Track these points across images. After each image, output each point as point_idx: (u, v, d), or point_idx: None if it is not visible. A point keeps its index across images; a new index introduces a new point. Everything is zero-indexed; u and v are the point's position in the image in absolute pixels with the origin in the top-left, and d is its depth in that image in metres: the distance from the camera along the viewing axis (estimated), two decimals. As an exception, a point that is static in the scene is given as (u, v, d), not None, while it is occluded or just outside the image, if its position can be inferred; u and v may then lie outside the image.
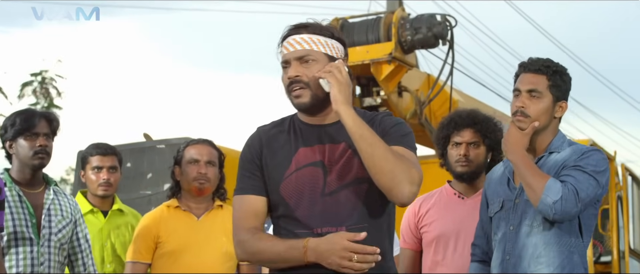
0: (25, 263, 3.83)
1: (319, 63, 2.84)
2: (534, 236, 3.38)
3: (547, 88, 3.43)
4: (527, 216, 3.40)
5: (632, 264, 8.39)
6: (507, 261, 3.44)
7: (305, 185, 2.81)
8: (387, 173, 2.70)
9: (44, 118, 4.00)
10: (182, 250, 4.34)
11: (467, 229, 3.98)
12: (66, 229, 3.99)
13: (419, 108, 8.50)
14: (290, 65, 2.84)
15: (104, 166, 4.78)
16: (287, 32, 2.88)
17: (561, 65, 3.50)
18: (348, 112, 2.75)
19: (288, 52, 2.85)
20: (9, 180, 3.92)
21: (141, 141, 7.63)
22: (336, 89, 2.77)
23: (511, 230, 3.45)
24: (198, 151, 4.42)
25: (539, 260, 3.36)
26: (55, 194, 4.03)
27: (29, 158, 3.93)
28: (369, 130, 2.74)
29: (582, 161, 3.34)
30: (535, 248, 3.37)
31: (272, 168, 2.86)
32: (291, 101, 2.87)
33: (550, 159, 3.43)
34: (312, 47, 2.84)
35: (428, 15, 8.21)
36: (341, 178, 2.81)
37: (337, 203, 2.79)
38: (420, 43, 8.14)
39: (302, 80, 2.82)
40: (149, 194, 7.13)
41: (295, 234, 2.79)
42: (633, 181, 8.88)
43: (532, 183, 3.30)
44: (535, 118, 3.41)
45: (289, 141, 2.88)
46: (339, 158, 2.82)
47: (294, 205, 2.81)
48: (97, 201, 4.81)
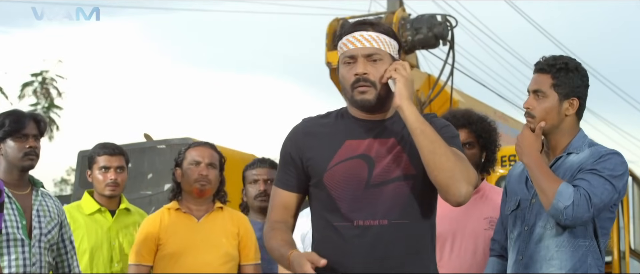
0: (18, 264, 3.82)
1: (384, 63, 2.84)
2: (547, 238, 3.35)
3: (550, 87, 3.39)
4: (541, 217, 3.37)
5: (632, 265, 8.38)
6: (520, 261, 3.42)
7: (349, 176, 2.82)
8: (447, 170, 2.72)
9: (32, 120, 3.99)
10: (183, 252, 4.35)
11: (464, 229, 3.97)
12: (54, 230, 3.99)
13: (420, 109, 8.50)
14: (356, 61, 2.84)
15: (111, 167, 4.78)
16: (351, 28, 2.88)
17: (572, 62, 3.43)
18: (411, 108, 2.78)
19: (355, 47, 2.84)
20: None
21: (142, 141, 7.63)
22: (402, 84, 2.79)
23: (526, 230, 3.42)
24: (200, 154, 4.44)
25: (551, 263, 3.33)
26: (42, 196, 4.02)
27: (18, 160, 3.92)
28: (431, 128, 2.76)
29: (599, 165, 3.28)
30: (548, 250, 3.34)
31: (315, 158, 2.87)
32: (352, 97, 2.86)
33: (568, 160, 3.38)
34: (380, 46, 2.85)
35: (428, 16, 8.21)
36: (387, 173, 2.81)
37: (381, 196, 2.80)
38: (421, 43, 8.14)
39: (369, 78, 2.82)
40: (150, 194, 7.14)
41: (334, 227, 2.80)
42: (633, 181, 8.87)
43: (544, 186, 3.27)
44: (541, 118, 3.38)
45: (336, 132, 2.89)
46: (387, 153, 2.83)
47: (337, 195, 2.82)
48: (104, 201, 4.81)
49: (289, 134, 2.96)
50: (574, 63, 3.43)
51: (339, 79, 2.92)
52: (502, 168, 7.32)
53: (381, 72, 2.83)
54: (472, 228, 3.97)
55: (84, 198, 4.85)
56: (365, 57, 2.83)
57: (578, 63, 3.45)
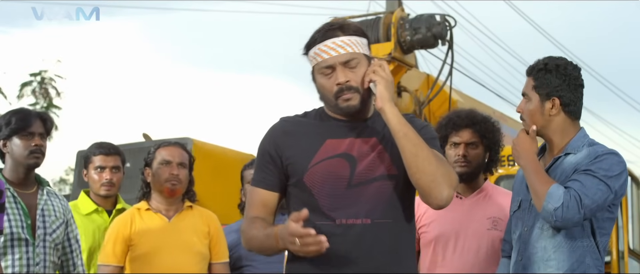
0: (21, 263, 3.82)
1: (362, 65, 2.82)
2: (543, 239, 3.35)
3: (532, 89, 3.41)
4: (539, 218, 3.36)
5: (631, 265, 8.38)
6: (519, 262, 3.43)
7: (331, 175, 2.80)
8: (429, 174, 2.72)
9: (39, 118, 3.99)
10: (155, 252, 4.34)
11: (466, 230, 3.98)
12: (59, 229, 3.99)
13: (418, 109, 8.51)
14: (334, 71, 2.81)
15: (107, 166, 4.78)
16: (321, 36, 2.84)
17: (552, 62, 3.42)
18: (393, 110, 2.77)
19: (331, 56, 2.81)
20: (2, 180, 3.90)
21: (140, 141, 7.64)
22: (383, 86, 2.78)
23: (526, 231, 3.42)
24: (170, 153, 4.44)
25: (549, 263, 3.33)
26: (48, 195, 4.03)
27: (24, 158, 3.92)
28: (413, 130, 2.76)
29: (594, 165, 3.27)
30: (545, 251, 3.34)
31: (295, 157, 2.85)
32: (336, 105, 2.83)
33: (565, 161, 3.38)
34: (354, 50, 2.82)
35: (427, 16, 8.21)
36: (369, 172, 2.80)
37: (363, 195, 2.79)
38: (420, 43, 8.14)
39: (352, 85, 2.80)
40: (149, 194, 7.12)
41: (316, 226, 2.76)
42: (632, 181, 8.87)
43: (537, 188, 3.27)
44: (529, 121, 3.42)
45: (316, 131, 2.87)
46: (369, 152, 2.82)
47: (318, 195, 2.80)
48: (100, 201, 4.80)
49: (267, 133, 2.93)
50: (554, 63, 3.42)
51: (316, 86, 2.89)
52: (501, 168, 7.32)
53: (361, 76, 2.82)
54: (475, 227, 3.97)
55: (80, 197, 4.85)
56: (343, 65, 2.81)
57: (561, 63, 3.42)
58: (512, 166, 7.20)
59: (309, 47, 2.87)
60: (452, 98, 8.67)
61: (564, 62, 3.44)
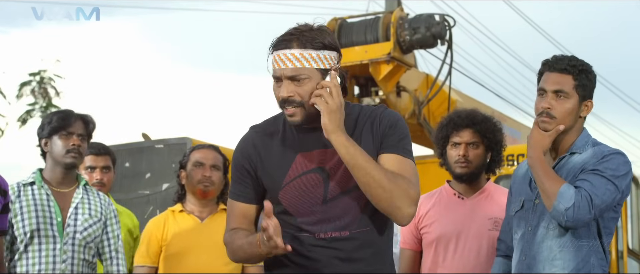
0: (47, 261, 3.88)
1: (311, 80, 2.74)
2: (549, 239, 3.34)
3: (573, 88, 3.35)
4: (545, 218, 3.36)
5: (630, 265, 8.38)
6: (523, 261, 3.42)
7: (305, 192, 2.78)
8: (384, 199, 2.69)
9: (80, 119, 4.07)
10: (186, 252, 4.39)
11: (468, 230, 3.97)
12: (93, 228, 4.02)
13: (418, 108, 8.50)
14: (281, 82, 2.76)
15: (97, 166, 4.78)
16: (277, 44, 2.77)
17: (586, 63, 3.41)
18: (339, 140, 2.69)
19: (279, 68, 2.75)
20: (38, 179, 3.98)
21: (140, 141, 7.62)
22: (326, 118, 2.69)
23: (529, 231, 3.41)
24: (203, 155, 4.49)
25: (554, 263, 3.32)
26: (85, 192, 4.07)
27: (61, 157, 3.99)
28: (363, 156, 2.68)
29: (601, 165, 3.25)
30: (550, 251, 3.33)
31: (269, 174, 2.82)
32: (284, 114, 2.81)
33: (571, 160, 3.37)
34: (303, 65, 2.73)
35: (426, 15, 8.21)
36: (343, 184, 2.78)
37: (340, 209, 2.77)
38: (419, 43, 8.14)
39: (295, 100, 2.74)
40: (148, 194, 7.13)
41: (297, 237, 2.78)
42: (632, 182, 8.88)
43: (547, 188, 3.25)
44: (561, 119, 3.34)
45: (286, 146, 2.83)
46: (340, 163, 2.77)
47: (295, 212, 2.79)
48: None
49: (239, 145, 2.91)
50: (588, 66, 3.41)
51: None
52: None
53: (309, 91, 2.73)
54: (477, 228, 3.96)
55: (73, 198, 4.84)
56: (288, 78, 2.74)
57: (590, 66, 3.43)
58: (511, 166, 7.20)
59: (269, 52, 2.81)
60: (452, 98, 8.67)
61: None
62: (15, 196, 3.90)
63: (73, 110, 4.13)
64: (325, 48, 2.76)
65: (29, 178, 3.98)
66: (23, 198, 3.91)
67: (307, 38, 2.75)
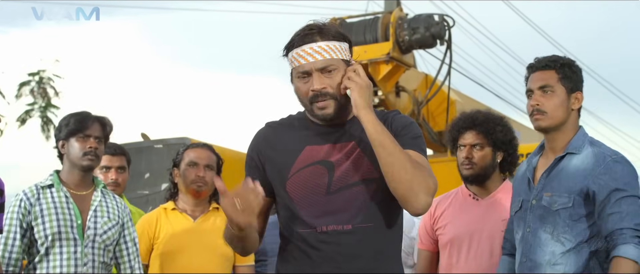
0: (69, 263, 3.87)
1: (339, 71, 2.78)
2: (552, 244, 3.34)
3: (558, 81, 3.38)
4: (547, 221, 3.35)
5: (629, 265, 8.38)
6: (524, 263, 3.42)
7: (310, 183, 2.78)
8: (404, 182, 2.67)
9: (97, 122, 4.04)
10: (178, 251, 4.36)
11: (481, 231, 3.95)
12: (112, 231, 4.02)
13: (417, 108, 8.51)
14: (311, 76, 2.78)
15: (113, 166, 4.79)
16: (300, 40, 2.80)
17: (568, 58, 3.45)
18: (369, 117, 2.72)
19: (307, 62, 2.77)
20: (57, 182, 3.97)
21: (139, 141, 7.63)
22: (357, 93, 2.73)
23: (528, 232, 3.41)
24: (197, 155, 4.46)
25: (556, 267, 3.32)
26: (103, 195, 4.07)
27: (78, 159, 3.97)
28: (390, 138, 2.71)
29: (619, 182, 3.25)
30: (553, 255, 3.33)
31: (277, 166, 2.84)
32: (312, 110, 2.81)
33: (570, 164, 3.36)
34: (332, 55, 2.78)
35: (426, 16, 8.21)
36: (348, 177, 2.78)
37: (342, 201, 2.77)
38: (418, 43, 8.14)
39: (328, 92, 2.77)
40: (147, 194, 7.14)
41: (298, 234, 2.78)
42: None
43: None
44: (552, 113, 3.37)
45: (296, 138, 2.85)
46: (347, 157, 2.79)
47: (299, 203, 2.79)
48: None
49: (253, 140, 2.93)
50: (570, 60, 3.45)
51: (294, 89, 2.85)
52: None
53: (338, 81, 2.78)
54: (490, 229, 3.94)
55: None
56: (319, 71, 2.77)
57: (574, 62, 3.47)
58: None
59: (288, 49, 2.83)
60: (451, 98, 8.67)
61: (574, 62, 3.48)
62: (35, 199, 3.89)
63: (90, 112, 4.10)
64: (343, 40, 2.85)
65: (47, 181, 3.98)
66: (43, 201, 3.91)
67: (328, 30, 2.82)
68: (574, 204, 3.30)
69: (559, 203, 3.33)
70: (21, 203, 3.88)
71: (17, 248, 3.84)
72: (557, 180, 3.36)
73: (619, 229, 3.21)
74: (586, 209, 3.30)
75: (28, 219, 3.87)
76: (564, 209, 3.31)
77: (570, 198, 3.31)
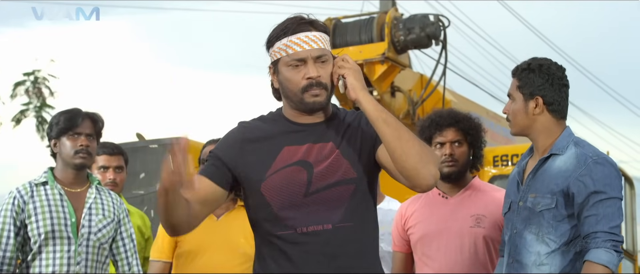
0: (62, 262, 3.86)
1: (330, 63, 2.80)
2: (538, 244, 3.36)
3: (516, 89, 3.45)
4: (532, 222, 3.37)
5: (624, 265, 8.40)
6: (510, 264, 3.44)
7: (288, 184, 2.76)
8: (415, 154, 2.66)
9: (88, 118, 4.03)
10: (200, 250, 4.32)
11: (451, 228, 3.98)
12: (107, 228, 4.01)
13: (412, 109, 8.51)
14: (304, 64, 2.77)
15: (111, 166, 4.78)
16: (294, 28, 2.79)
17: (535, 62, 3.45)
18: (367, 98, 2.73)
19: (304, 49, 2.76)
20: (51, 179, 3.96)
21: (134, 141, 7.62)
22: (353, 77, 2.75)
23: (515, 233, 3.43)
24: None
25: (541, 268, 3.34)
26: (98, 193, 4.05)
27: (70, 158, 3.96)
28: (390, 114, 2.72)
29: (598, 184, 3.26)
30: (538, 256, 3.35)
31: (252, 166, 2.80)
32: (302, 100, 2.78)
33: (554, 165, 3.38)
34: (325, 46, 2.79)
35: (421, 16, 8.22)
36: (327, 178, 2.76)
37: (322, 202, 2.75)
38: (413, 43, 8.15)
39: (322, 81, 2.77)
40: (142, 194, 7.13)
41: (277, 236, 2.76)
42: (625, 181, 8.89)
43: None
44: (513, 120, 3.46)
45: (273, 139, 2.82)
46: (326, 157, 2.78)
47: (276, 204, 2.76)
48: None
49: (224, 138, 2.88)
50: (537, 63, 3.45)
51: (279, 80, 2.82)
52: (494, 168, 7.33)
53: (330, 73, 2.79)
54: (459, 226, 3.98)
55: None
56: (314, 59, 2.77)
57: (544, 63, 3.45)
58: (506, 167, 7.21)
59: (277, 38, 2.81)
60: (446, 98, 8.67)
61: (547, 62, 3.47)
62: (29, 197, 3.88)
63: (81, 108, 4.08)
64: (327, 34, 2.86)
65: (41, 178, 3.96)
66: (36, 198, 3.89)
67: (317, 22, 2.84)
68: (557, 205, 3.32)
69: (543, 204, 3.35)
70: (15, 201, 3.87)
71: (11, 247, 3.83)
72: (541, 181, 3.38)
73: (593, 233, 3.24)
74: (568, 210, 3.31)
75: (22, 217, 3.85)
76: (548, 210, 3.33)
77: (553, 199, 3.33)
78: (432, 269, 3.99)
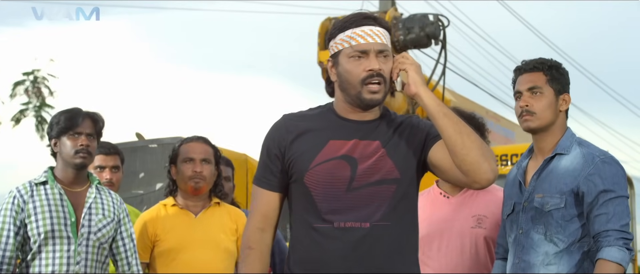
0: (61, 262, 3.85)
1: (390, 60, 2.82)
2: (545, 245, 3.35)
3: (546, 83, 3.42)
4: (539, 222, 3.37)
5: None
6: (517, 264, 3.43)
7: (331, 177, 2.77)
8: (476, 148, 2.68)
9: (88, 118, 4.02)
10: (180, 248, 4.29)
11: (451, 229, 3.98)
12: (107, 228, 4.00)
13: (412, 108, 8.51)
14: (367, 57, 2.78)
15: (107, 166, 4.77)
16: (359, 21, 2.82)
17: (555, 61, 3.50)
18: (428, 93, 2.76)
19: (367, 42, 2.78)
20: (51, 179, 3.95)
21: (134, 140, 7.63)
22: (414, 71, 2.77)
23: (521, 234, 3.43)
24: (192, 149, 4.35)
25: (549, 268, 3.34)
26: (98, 192, 4.05)
27: (70, 157, 3.95)
28: (449, 109, 2.75)
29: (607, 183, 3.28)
30: (546, 256, 3.35)
31: (297, 156, 2.81)
32: (360, 93, 2.79)
33: (560, 165, 3.38)
34: (387, 42, 2.82)
35: (420, 15, 8.22)
36: (370, 175, 2.77)
37: (363, 199, 2.76)
38: (413, 43, 8.15)
39: (383, 74, 2.78)
40: (142, 193, 7.13)
41: (314, 228, 2.76)
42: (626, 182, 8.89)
43: None
44: (541, 114, 3.40)
45: (320, 131, 2.83)
46: (371, 155, 2.79)
47: (317, 197, 2.77)
48: None
49: (271, 130, 2.90)
50: (557, 63, 3.50)
51: (338, 72, 2.84)
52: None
53: (389, 69, 2.81)
54: (459, 226, 3.97)
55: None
56: (376, 53, 2.79)
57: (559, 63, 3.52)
58: (506, 167, 7.21)
59: (340, 31, 2.84)
60: (445, 98, 8.68)
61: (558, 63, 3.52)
62: (29, 196, 3.87)
63: (81, 108, 4.08)
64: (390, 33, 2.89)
65: (41, 177, 3.95)
66: (36, 198, 3.88)
67: (384, 21, 2.88)
68: (566, 204, 3.32)
69: (551, 204, 3.35)
70: (14, 200, 3.86)
71: (11, 246, 3.82)
72: (548, 181, 3.38)
73: (604, 231, 3.25)
74: (578, 209, 3.32)
75: (21, 216, 3.85)
76: (557, 210, 3.34)
77: (562, 198, 3.33)
78: (433, 269, 3.99)
